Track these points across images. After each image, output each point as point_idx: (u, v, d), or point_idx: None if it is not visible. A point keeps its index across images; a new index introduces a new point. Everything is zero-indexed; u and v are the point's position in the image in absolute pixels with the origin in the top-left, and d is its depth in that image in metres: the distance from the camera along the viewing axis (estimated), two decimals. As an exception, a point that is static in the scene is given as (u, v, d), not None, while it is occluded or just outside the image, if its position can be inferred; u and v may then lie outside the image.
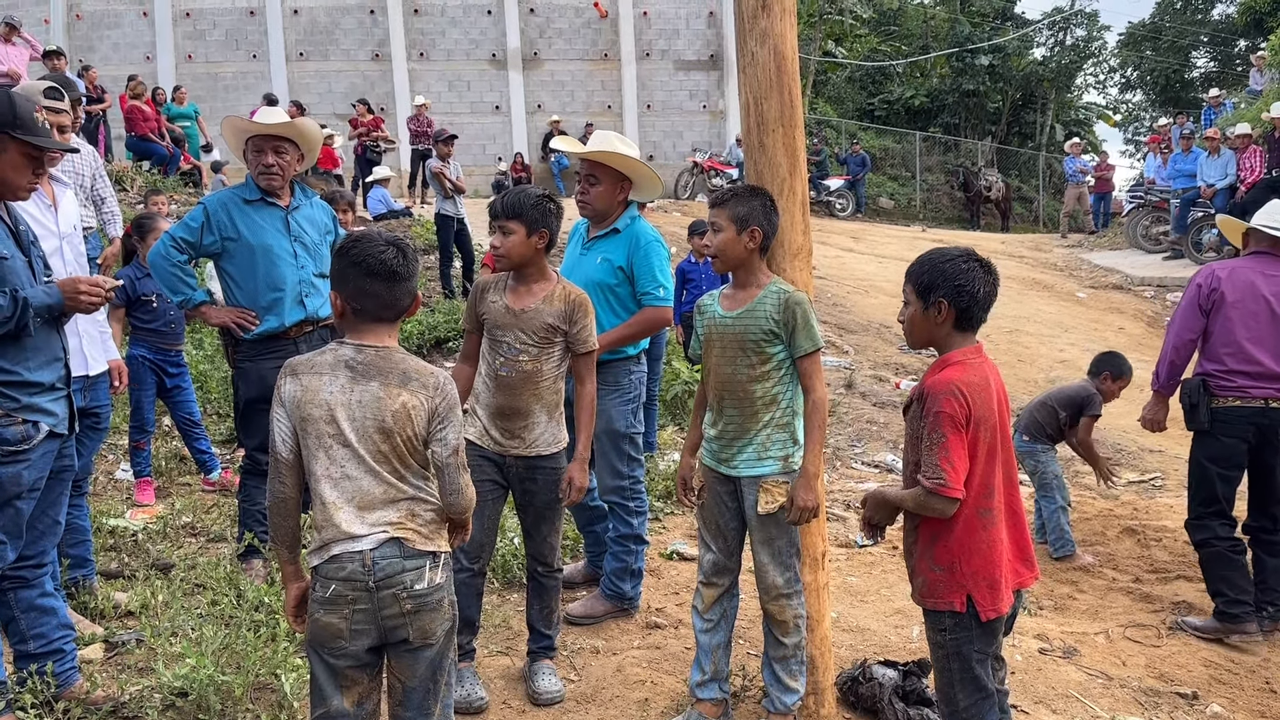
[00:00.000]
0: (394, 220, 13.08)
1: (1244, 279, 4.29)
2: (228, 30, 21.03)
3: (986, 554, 2.58)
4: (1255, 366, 4.22)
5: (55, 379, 3.00)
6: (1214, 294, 4.31)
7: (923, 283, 2.63)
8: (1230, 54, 34.49)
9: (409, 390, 2.34)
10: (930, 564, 2.65)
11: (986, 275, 2.61)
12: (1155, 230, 15.88)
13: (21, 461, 2.88)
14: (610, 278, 3.98)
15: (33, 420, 2.90)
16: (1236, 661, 4.04)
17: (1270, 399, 4.22)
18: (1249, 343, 4.23)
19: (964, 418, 2.51)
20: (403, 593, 2.34)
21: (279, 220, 4.29)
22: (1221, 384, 4.29)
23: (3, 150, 2.88)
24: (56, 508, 3.19)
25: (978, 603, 2.58)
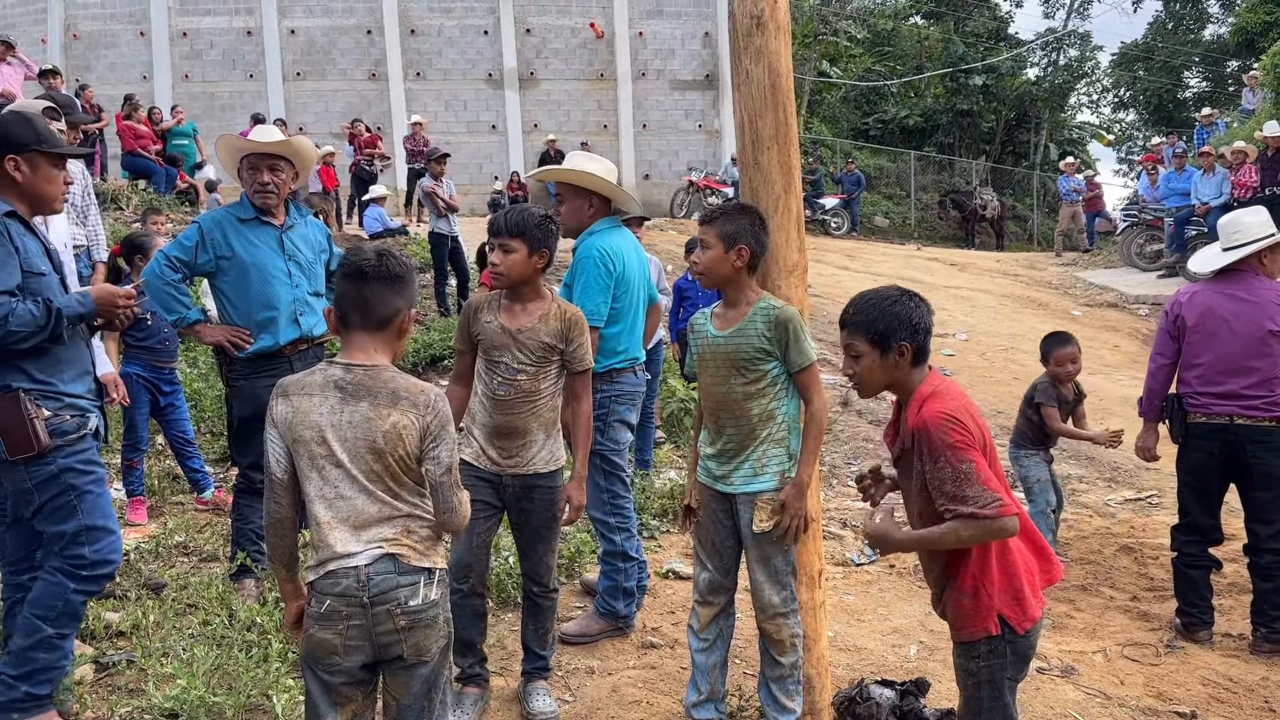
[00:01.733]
0: (390, 238, 13.09)
1: (1202, 302, 4.41)
2: (225, 50, 21.11)
3: (1005, 567, 2.53)
4: (1217, 386, 4.34)
5: (85, 391, 3.17)
6: (1178, 320, 4.46)
7: (877, 331, 2.56)
8: (1222, 74, 34.71)
9: (399, 409, 2.33)
10: (957, 594, 2.57)
11: (922, 303, 2.63)
12: (1149, 248, 15.92)
13: (84, 449, 3.09)
14: (562, 293, 4.00)
15: (79, 414, 3.10)
16: (1236, 680, 4.02)
17: (1235, 415, 4.31)
18: (1210, 364, 4.35)
19: (975, 440, 2.46)
20: (397, 609, 2.32)
21: (274, 239, 4.28)
22: (1191, 402, 4.42)
23: (35, 167, 3.09)
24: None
25: (1010, 619, 2.51)
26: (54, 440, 2.99)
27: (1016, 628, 2.51)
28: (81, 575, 3.07)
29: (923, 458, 2.49)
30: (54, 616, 3.05)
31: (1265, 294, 4.31)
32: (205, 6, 21.04)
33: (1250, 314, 4.29)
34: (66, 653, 3.13)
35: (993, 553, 2.53)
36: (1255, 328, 4.27)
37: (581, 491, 3.50)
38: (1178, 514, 4.60)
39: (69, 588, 3.06)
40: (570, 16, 22.32)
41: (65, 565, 3.07)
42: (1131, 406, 9.03)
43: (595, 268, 3.99)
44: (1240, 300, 4.32)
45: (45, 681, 3.08)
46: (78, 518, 3.05)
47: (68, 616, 3.09)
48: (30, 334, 2.93)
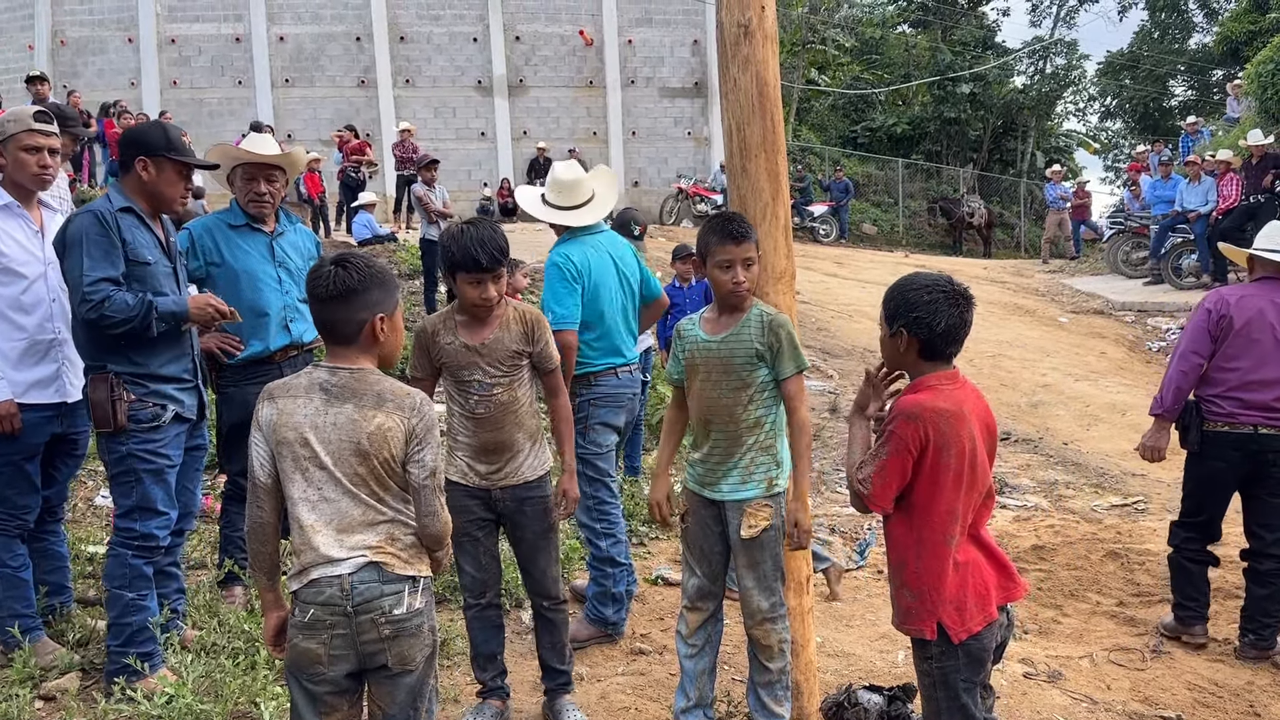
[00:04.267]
0: (379, 245, 13.08)
1: (1253, 306, 4.26)
2: (213, 57, 21.08)
3: (954, 578, 2.58)
4: (1250, 394, 4.22)
5: (181, 371, 3.57)
6: (1224, 320, 4.28)
7: (889, 309, 2.64)
8: (1207, 82, 34.97)
9: (384, 412, 2.33)
10: (904, 590, 2.66)
11: (952, 306, 2.54)
12: (1135, 256, 16.02)
13: (157, 439, 3.45)
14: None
15: (160, 404, 3.47)
16: (1221, 685, 4.04)
17: (1259, 425, 4.22)
18: (1250, 370, 4.22)
19: (917, 445, 2.52)
20: (381, 618, 2.31)
21: (264, 246, 4.28)
22: (1213, 409, 4.30)
23: (161, 170, 3.50)
24: (193, 481, 3.81)
25: (947, 626, 2.57)
26: (129, 425, 3.39)
27: (952, 636, 2.57)
28: (134, 545, 3.44)
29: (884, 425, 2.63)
30: (127, 583, 3.42)
31: None
32: (193, 13, 21.01)
33: None
34: (152, 610, 3.49)
35: (948, 564, 2.57)
36: None
37: (574, 483, 3.51)
38: (1183, 513, 4.52)
39: (127, 556, 3.44)
40: (559, 24, 22.36)
41: (119, 537, 3.46)
42: (1118, 413, 9.11)
43: (554, 274, 4.17)
44: None
45: (147, 639, 3.45)
46: (133, 497, 3.44)
47: (139, 579, 3.45)
48: (123, 320, 3.31)
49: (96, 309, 3.27)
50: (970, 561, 2.62)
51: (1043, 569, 5.34)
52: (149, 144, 3.50)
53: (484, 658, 3.49)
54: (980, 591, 2.61)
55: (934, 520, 2.58)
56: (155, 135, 3.53)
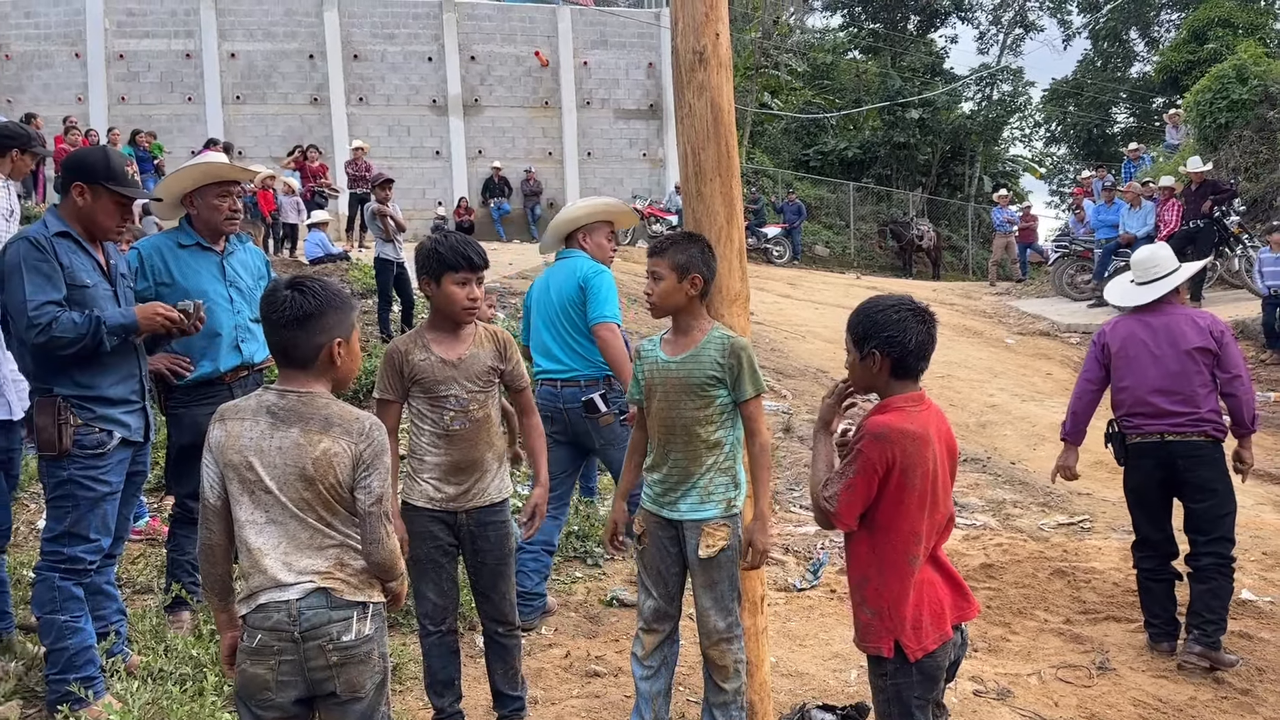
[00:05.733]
0: (331, 264, 12.97)
1: (1125, 330, 4.70)
2: (162, 73, 20.82)
3: (913, 598, 2.63)
4: (1147, 406, 4.58)
5: (129, 393, 3.52)
6: (1105, 348, 4.74)
7: (858, 333, 2.68)
8: (1148, 110, 35.91)
9: (331, 436, 2.31)
10: (864, 607, 2.69)
11: (919, 324, 2.64)
12: (1080, 279, 16.37)
13: (100, 465, 3.40)
14: None
15: (107, 429, 3.41)
16: (1165, 700, 4.13)
17: (1165, 433, 4.54)
18: (1137, 386, 4.60)
19: (883, 466, 2.57)
20: (329, 644, 2.29)
21: (214, 265, 4.23)
22: (1126, 425, 4.67)
23: (97, 198, 3.43)
24: (128, 507, 3.70)
25: (905, 646, 2.62)
26: (74, 450, 3.34)
27: (909, 655, 2.62)
28: (61, 567, 3.38)
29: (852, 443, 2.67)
30: (58, 606, 3.34)
31: (1177, 318, 4.62)
32: (143, 29, 20.75)
33: (1168, 338, 4.56)
34: (88, 632, 3.40)
35: (909, 583, 2.63)
36: (1175, 349, 4.54)
37: (545, 500, 3.53)
38: (1133, 532, 4.82)
39: (54, 578, 3.36)
40: (515, 45, 22.42)
41: (45, 560, 3.40)
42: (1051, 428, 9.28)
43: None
44: (1156, 326, 4.61)
45: (87, 663, 3.36)
46: (66, 522, 3.38)
47: (70, 601, 3.37)
48: (73, 340, 3.26)
49: (44, 332, 3.22)
50: (926, 580, 2.66)
51: (992, 587, 5.41)
52: (88, 170, 3.43)
53: (441, 684, 3.46)
54: (936, 610, 2.66)
55: (897, 540, 2.62)
56: (95, 162, 3.47)
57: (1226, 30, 27.27)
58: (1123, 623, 4.93)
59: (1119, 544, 6.11)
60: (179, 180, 4.19)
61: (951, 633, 2.70)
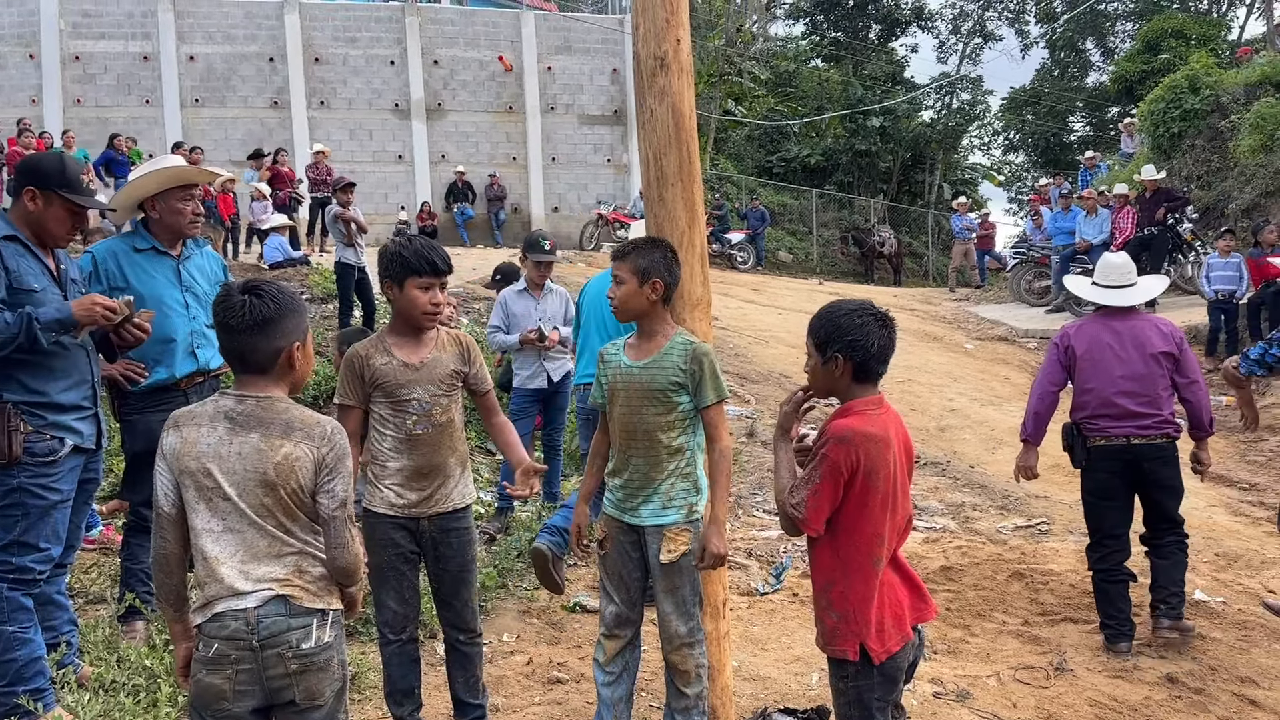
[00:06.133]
0: (291, 268, 12.84)
1: (1090, 333, 4.79)
2: (119, 75, 20.50)
3: (876, 601, 2.65)
4: (1113, 409, 4.66)
5: (81, 399, 3.45)
6: (1069, 350, 4.80)
7: (820, 337, 2.70)
8: (1104, 119, 36.51)
9: (292, 441, 2.28)
10: (829, 611, 2.70)
11: (881, 328, 2.67)
12: (1038, 285, 16.60)
13: (51, 473, 3.34)
14: None
15: (58, 436, 3.35)
16: (1120, 700, 4.18)
17: (1131, 436, 4.64)
18: (1103, 389, 4.67)
19: (849, 469, 2.59)
20: (288, 652, 2.26)
21: (170, 270, 4.17)
22: (1089, 427, 4.72)
23: (49, 204, 3.38)
24: (80, 515, 3.65)
25: (869, 648, 2.64)
26: (24, 457, 3.26)
27: (874, 657, 2.64)
28: (9, 577, 3.29)
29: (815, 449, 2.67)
30: (6, 616, 3.26)
31: (1142, 323, 4.76)
32: (99, 30, 20.42)
33: (1132, 340, 4.68)
34: (37, 643, 3.33)
35: (873, 585, 2.65)
36: (1140, 353, 4.65)
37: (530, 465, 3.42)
38: (1089, 534, 4.87)
39: (2, 589, 3.28)
40: (479, 49, 22.34)
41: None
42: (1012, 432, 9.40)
43: None
44: (1122, 330, 4.72)
45: (36, 675, 3.29)
46: (15, 531, 3.30)
47: (19, 611, 3.28)
48: (6, 340, 3.17)
49: None
50: (886, 583, 2.68)
51: (951, 589, 5.47)
52: (42, 176, 3.38)
53: (401, 693, 3.43)
54: (896, 612, 2.68)
55: (861, 542, 2.64)
56: (50, 168, 3.41)
57: (1179, 41, 27.79)
58: (1079, 624, 5.00)
59: (1075, 546, 6.19)
60: (143, 185, 4.12)
61: (911, 634, 2.72)
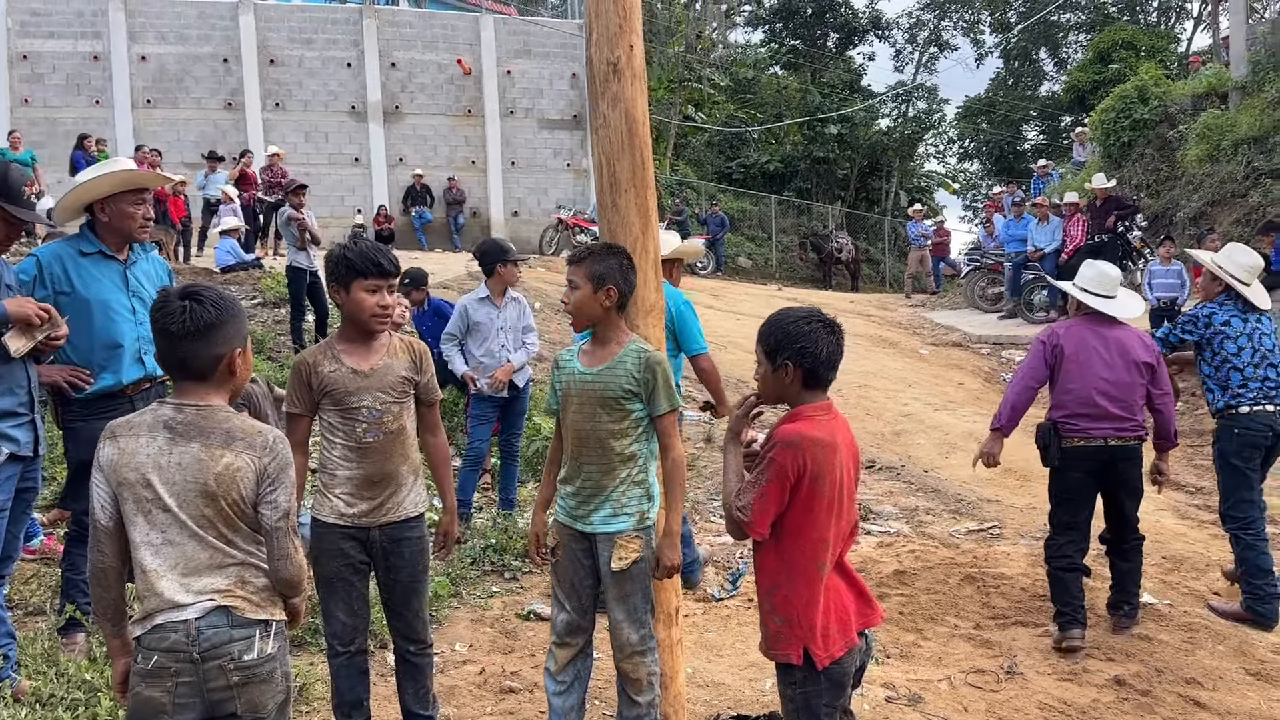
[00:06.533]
0: (243, 271, 12.67)
1: (1078, 335, 4.91)
2: (69, 75, 20.11)
3: (821, 606, 2.66)
4: (1094, 409, 4.78)
5: (16, 405, 3.41)
6: (1056, 349, 4.91)
7: (769, 344, 2.71)
8: (1057, 128, 37.07)
9: (233, 450, 2.24)
10: (773, 615, 2.71)
11: (829, 335, 2.69)
12: (991, 291, 16.82)
13: None
14: None
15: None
16: (1069, 703, 4.23)
17: (1109, 438, 4.79)
18: (1086, 390, 4.80)
19: (795, 473, 2.59)
20: (229, 664, 2.22)
21: (117, 275, 4.09)
22: (1068, 427, 4.84)
23: None
24: (19, 524, 3.64)
25: (813, 654, 2.65)
26: None
27: (817, 662, 2.65)
28: None
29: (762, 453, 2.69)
30: None
31: (1126, 332, 4.93)
32: (48, 29, 20.01)
33: (1117, 347, 4.84)
34: None
35: (817, 590, 2.66)
36: (1124, 359, 4.82)
37: (455, 525, 3.51)
38: (1053, 527, 5.01)
39: None
40: (437, 52, 22.21)
41: None
42: (974, 441, 9.48)
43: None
44: (1108, 336, 4.88)
45: None
46: None
47: None
48: None
49: None
50: (832, 588, 2.70)
51: (904, 593, 5.50)
52: None
53: (349, 705, 3.37)
54: (842, 617, 2.69)
55: (806, 547, 2.64)
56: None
57: (1130, 52, 28.37)
58: (1030, 627, 5.05)
59: (1027, 550, 6.27)
60: (94, 187, 4.03)
61: (857, 639, 2.74)
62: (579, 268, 3.19)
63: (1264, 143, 15.08)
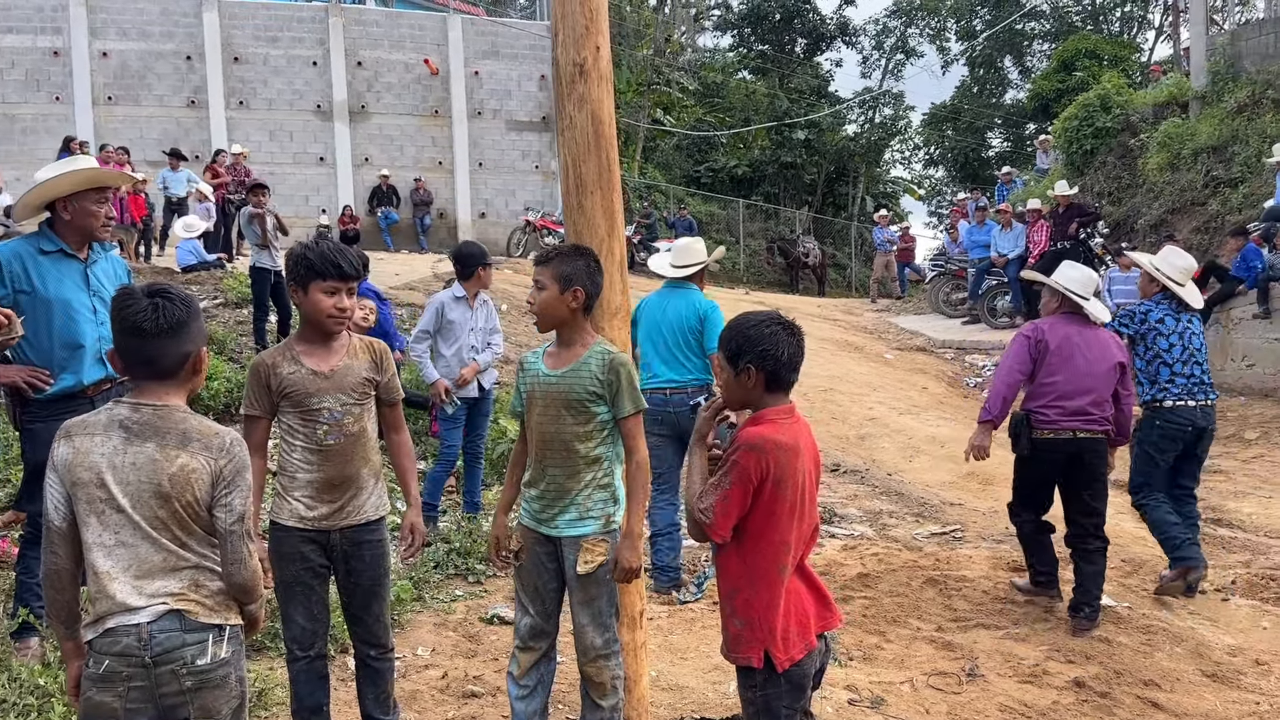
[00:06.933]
0: (205, 271, 12.51)
1: (1062, 331, 5.18)
2: (28, 70, 19.77)
3: (781, 608, 2.67)
4: (1069, 403, 5.05)
5: None
6: (1040, 344, 5.16)
7: (730, 350, 2.71)
8: (1021, 135, 37.51)
9: (189, 452, 2.21)
10: (734, 618, 2.71)
11: (790, 337, 2.70)
12: (955, 296, 16.98)
13: None
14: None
15: None
16: (1030, 705, 4.27)
17: (1078, 430, 5.07)
18: (1065, 384, 5.07)
19: (758, 476, 2.60)
20: (182, 669, 2.19)
21: (78, 274, 4.03)
22: (1040, 419, 5.11)
23: None
24: None
25: (774, 656, 2.65)
26: None
27: (777, 665, 2.66)
28: None
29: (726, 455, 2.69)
30: None
31: (1102, 333, 5.26)
32: (6, 24, 19.66)
33: (1096, 346, 5.15)
34: None
35: (778, 592, 2.66)
36: (1103, 357, 5.12)
37: (420, 519, 3.46)
38: (1018, 502, 5.39)
39: None
40: (404, 51, 22.07)
41: None
42: (938, 445, 9.58)
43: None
44: (1088, 336, 5.18)
45: None
46: None
47: None
48: None
49: None
50: (792, 591, 2.70)
51: (868, 596, 5.53)
52: None
53: (308, 710, 3.33)
54: (801, 620, 2.70)
55: (767, 550, 2.65)
56: None
57: (1093, 61, 28.74)
58: (991, 630, 5.09)
59: (989, 553, 6.33)
60: (56, 185, 3.96)
61: (816, 642, 2.75)
62: (546, 268, 3.18)
63: (1222, 152, 15.34)
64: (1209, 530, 7.06)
